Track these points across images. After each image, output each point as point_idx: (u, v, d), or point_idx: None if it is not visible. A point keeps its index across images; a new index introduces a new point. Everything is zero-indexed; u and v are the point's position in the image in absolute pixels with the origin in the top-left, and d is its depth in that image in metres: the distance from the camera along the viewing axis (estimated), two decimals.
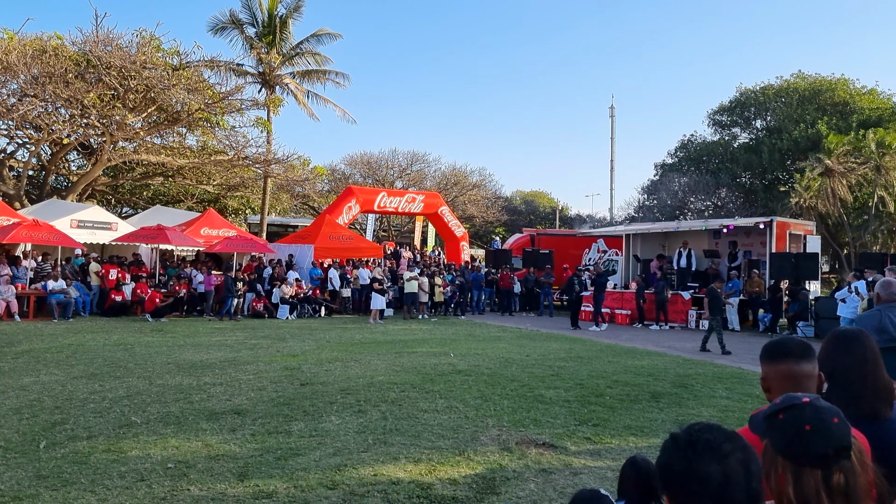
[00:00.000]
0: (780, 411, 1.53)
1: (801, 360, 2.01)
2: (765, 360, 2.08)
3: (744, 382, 9.33)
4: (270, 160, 25.59)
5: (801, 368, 2.00)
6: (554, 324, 18.62)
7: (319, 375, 9.09)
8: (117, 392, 7.77)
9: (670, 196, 40.46)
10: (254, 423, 6.39)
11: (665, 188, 40.98)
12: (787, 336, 2.71)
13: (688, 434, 1.40)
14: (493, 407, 7.32)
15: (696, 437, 1.39)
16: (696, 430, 1.41)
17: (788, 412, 1.52)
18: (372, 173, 42.02)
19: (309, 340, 13.33)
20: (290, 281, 19.21)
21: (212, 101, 22.75)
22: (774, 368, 2.03)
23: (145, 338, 13.10)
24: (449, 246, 28.96)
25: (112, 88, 21.07)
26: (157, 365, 9.78)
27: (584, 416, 6.94)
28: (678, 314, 18.68)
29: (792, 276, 17.29)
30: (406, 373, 9.45)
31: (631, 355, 12.08)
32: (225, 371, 9.34)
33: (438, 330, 16.29)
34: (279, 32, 26.91)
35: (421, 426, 6.41)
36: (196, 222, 21.72)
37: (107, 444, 5.63)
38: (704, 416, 7.02)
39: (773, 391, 2.03)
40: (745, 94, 41.46)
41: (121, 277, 17.96)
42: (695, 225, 22.32)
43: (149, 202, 30.14)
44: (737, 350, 13.33)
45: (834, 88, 38.27)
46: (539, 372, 9.76)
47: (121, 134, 21.78)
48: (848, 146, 31.89)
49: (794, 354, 2.01)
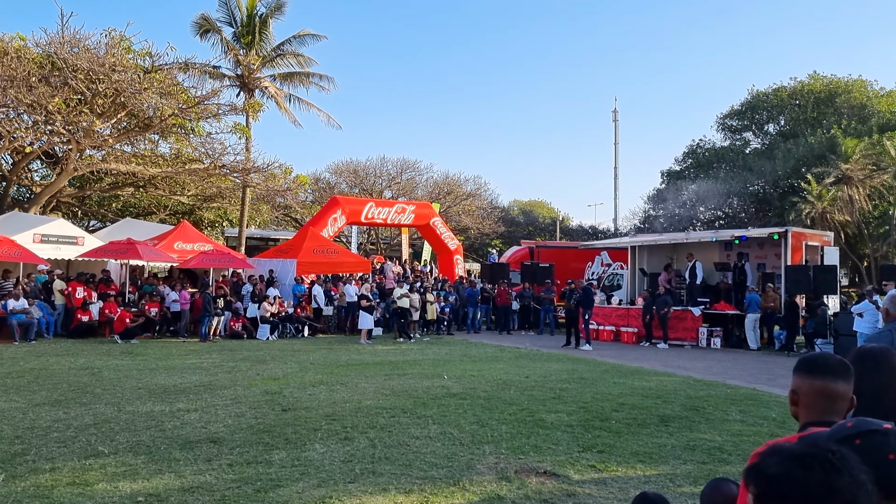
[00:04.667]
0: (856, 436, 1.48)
1: (838, 378, 2.03)
2: (801, 373, 2.10)
3: (759, 404, 9.34)
4: (249, 169, 25.58)
5: (836, 388, 2.02)
6: (555, 343, 18.63)
7: (302, 400, 9.05)
8: (83, 420, 7.71)
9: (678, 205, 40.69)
10: (231, 453, 6.35)
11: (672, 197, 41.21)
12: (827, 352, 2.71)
13: (825, 451, 1.32)
14: (490, 433, 7.30)
15: (837, 452, 1.32)
16: (830, 448, 1.33)
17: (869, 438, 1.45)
18: (359, 182, 42.09)
19: (291, 362, 13.27)
20: (270, 298, 19.17)
21: (186, 106, 22.78)
22: (809, 383, 2.06)
23: (114, 361, 13.01)
24: (442, 260, 28.99)
25: (79, 93, 21.07)
26: (127, 390, 9.70)
27: (588, 442, 6.93)
28: (688, 332, 18.73)
29: (809, 290, 17.38)
30: (396, 396, 9.42)
31: (638, 376, 12.08)
32: (200, 396, 9.29)
33: (431, 350, 16.25)
34: (259, 33, 27.02)
35: (412, 454, 6.39)
36: (169, 236, 21.67)
37: (71, 477, 5.57)
38: (717, 442, 7.03)
39: (801, 406, 2.06)
40: (756, 97, 41.89)
41: (87, 296, 17.86)
42: (704, 236, 22.44)
43: (118, 214, 30.04)
44: (751, 370, 13.36)
45: (851, 90, 38.71)
46: (539, 394, 9.75)
47: (88, 141, 21.75)
48: (866, 151, 32.19)
49: (833, 372, 2.04)
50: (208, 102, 23.72)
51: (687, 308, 19.03)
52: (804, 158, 34.64)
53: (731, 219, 40.32)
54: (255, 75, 27.15)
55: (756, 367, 13.86)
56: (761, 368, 13.74)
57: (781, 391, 10.34)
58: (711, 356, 16.10)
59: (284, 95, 28.75)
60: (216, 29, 26.85)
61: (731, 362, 14.84)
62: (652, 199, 45.09)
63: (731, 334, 18.78)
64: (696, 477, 5.74)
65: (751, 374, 12.71)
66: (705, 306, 19.07)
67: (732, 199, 40.14)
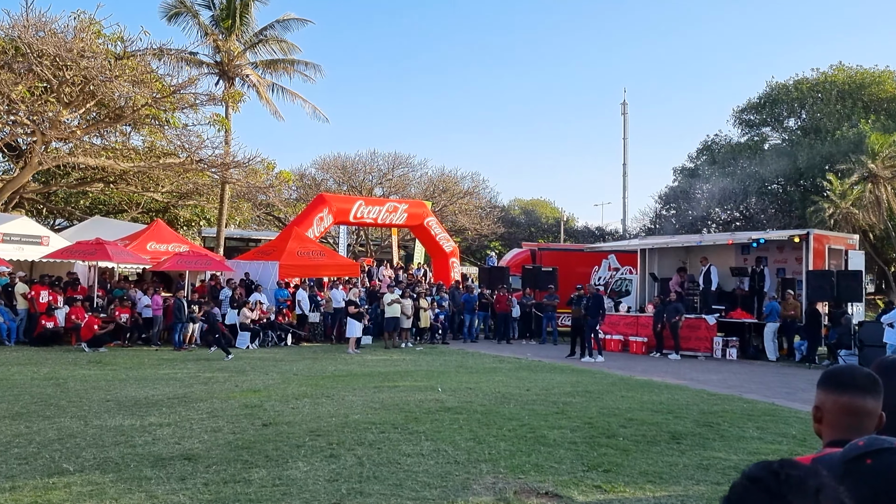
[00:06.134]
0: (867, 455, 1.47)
1: (866, 394, 2.03)
2: (825, 387, 2.10)
3: (778, 420, 9.37)
4: (229, 163, 25.55)
5: (864, 404, 2.02)
6: (558, 353, 18.64)
7: (285, 414, 9.04)
8: (47, 434, 7.69)
9: (691, 205, 40.80)
10: (207, 471, 6.33)
11: (685, 196, 41.36)
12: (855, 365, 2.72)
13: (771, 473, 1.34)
14: (488, 450, 7.30)
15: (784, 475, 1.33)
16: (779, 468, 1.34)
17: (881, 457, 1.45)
18: (347, 179, 42.14)
19: (273, 373, 13.27)
20: (251, 304, 19.13)
21: (161, 96, 22.73)
22: (834, 399, 2.06)
23: (81, 371, 12.99)
24: (437, 263, 29.00)
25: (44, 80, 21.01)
26: (95, 402, 9.69)
27: (593, 461, 6.94)
28: (701, 341, 18.76)
29: (832, 297, 17.43)
30: (386, 411, 9.42)
31: (647, 389, 12.10)
32: (174, 409, 9.28)
33: (424, 360, 16.26)
34: (240, 16, 27.03)
35: (403, 473, 6.38)
36: (142, 236, 21.66)
37: (33, 496, 5.55)
38: (733, 461, 7.04)
39: (825, 424, 2.06)
40: (776, 89, 42.08)
41: (52, 300, 17.82)
42: (720, 238, 22.49)
43: (86, 212, 29.97)
44: (770, 383, 13.38)
45: (879, 82, 38.88)
46: (541, 409, 9.76)
47: (54, 133, 21.69)
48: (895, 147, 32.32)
49: (861, 387, 2.04)
50: (185, 91, 23.66)
51: (701, 316, 19.06)
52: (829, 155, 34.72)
53: (748, 220, 40.47)
54: (235, 62, 27.13)
55: (775, 381, 13.89)
56: (780, 382, 13.77)
57: (802, 406, 10.37)
58: (727, 368, 16.14)
59: (267, 85, 28.76)
60: (192, 12, 26.83)
61: (747, 375, 14.87)
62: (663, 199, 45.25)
63: (748, 344, 18.82)
64: (710, 499, 5.75)
65: (769, 388, 12.74)
66: (720, 314, 19.11)
67: (750, 199, 40.28)
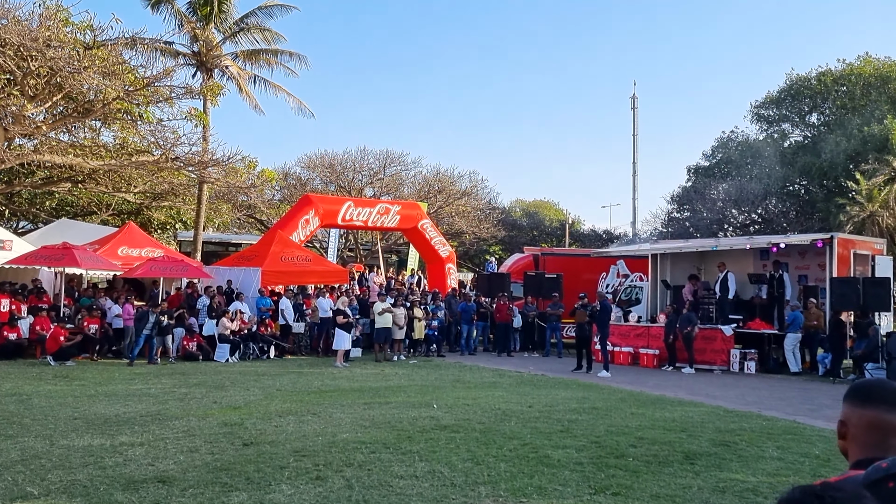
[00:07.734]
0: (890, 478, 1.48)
1: (895, 410, 2.05)
2: (851, 401, 2.12)
3: (800, 440, 9.38)
4: (207, 162, 25.53)
5: (892, 420, 2.04)
6: (563, 366, 18.65)
7: (267, 433, 9.03)
8: (9, 455, 7.67)
9: (706, 207, 40.88)
10: (183, 495, 6.33)
11: (700, 197, 41.41)
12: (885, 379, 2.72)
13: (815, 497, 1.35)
14: (487, 471, 7.31)
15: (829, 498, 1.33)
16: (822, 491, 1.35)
17: None
18: (335, 178, 42.11)
19: (255, 388, 13.25)
20: (230, 314, 19.10)
21: (133, 88, 22.72)
22: (860, 414, 2.08)
23: (46, 386, 12.95)
24: (432, 269, 29.01)
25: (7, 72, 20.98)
26: (61, 420, 9.67)
27: (600, 483, 6.94)
28: (717, 354, 18.78)
29: (857, 306, 17.45)
30: (377, 429, 9.42)
31: (659, 406, 12.11)
32: (147, 428, 9.26)
33: (418, 374, 16.26)
34: (219, 3, 27.05)
35: (395, 496, 6.39)
36: (112, 240, 21.62)
37: None
38: (751, 483, 7.05)
39: (850, 440, 2.08)
40: (797, 82, 42.17)
41: (15, 310, 17.79)
42: (737, 243, 22.56)
43: (53, 214, 29.93)
44: (791, 399, 13.40)
45: None
46: (544, 427, 9.76)
47: (17, 128, 21.68)
48: None
49: (889, 402, 2.06)
50: (159, 84, 23.65)
51: (716, 326, 19.08)
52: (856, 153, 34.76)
53: (767, 223, 40.54)
54: (214, 53, 27.16)
55: (797, 396, 13.91)
56: (803, 397, 13.79)
57: (825, 424, 10.38)
58: (745, 383, 16.16)
59: (248, 76, 28.77)
60: None
61: (767, 390, 14.90)
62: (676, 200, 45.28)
63: (767, 357, 18.83)
64: None
65: (790, 404, 12.76)
66: (738, 324, 19.13)
67: (769, 200, 40.36)
